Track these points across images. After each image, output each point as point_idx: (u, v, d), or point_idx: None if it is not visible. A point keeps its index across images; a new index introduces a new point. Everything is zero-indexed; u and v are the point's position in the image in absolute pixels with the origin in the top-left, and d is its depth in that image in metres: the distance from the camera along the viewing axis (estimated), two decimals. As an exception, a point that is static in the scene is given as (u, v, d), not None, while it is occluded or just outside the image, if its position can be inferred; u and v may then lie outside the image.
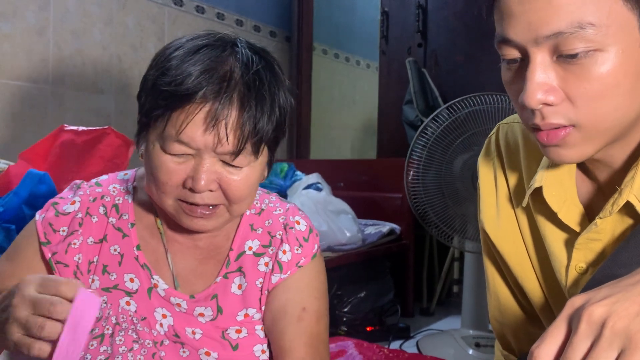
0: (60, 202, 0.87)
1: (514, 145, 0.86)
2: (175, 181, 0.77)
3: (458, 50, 2.71)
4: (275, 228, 0.91)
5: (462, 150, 2.01)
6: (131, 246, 0.87)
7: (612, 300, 0.48)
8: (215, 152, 0.76)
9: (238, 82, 0.75)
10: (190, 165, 0.77)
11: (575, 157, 0.68)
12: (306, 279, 0.90)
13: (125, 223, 0.88)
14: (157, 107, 0.76)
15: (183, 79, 0.74)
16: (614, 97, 0.63)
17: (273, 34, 3.11)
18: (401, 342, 2.20)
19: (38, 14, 2.01)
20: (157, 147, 0.77)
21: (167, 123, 0.75)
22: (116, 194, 0.89)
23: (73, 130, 1.38)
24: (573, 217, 0.76)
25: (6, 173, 1.33)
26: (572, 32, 0.60)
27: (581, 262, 0.76)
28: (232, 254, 0.89)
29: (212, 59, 0.76)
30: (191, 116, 0.73)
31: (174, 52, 0.78)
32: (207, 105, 0.74)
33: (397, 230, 2.46)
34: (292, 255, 0.89)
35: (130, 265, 0.86)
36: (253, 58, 0.78)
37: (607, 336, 0.46)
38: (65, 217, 0.85)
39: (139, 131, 0.82)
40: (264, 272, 0.89)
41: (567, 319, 0.51)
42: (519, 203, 0.84)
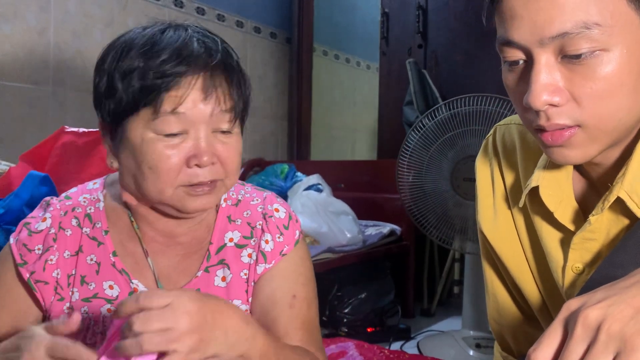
0: (31, 222, 0.86)
1: (511, 146, 0.86)
2: (177, 164, 0.77)
3: (458, 51, 2.71)
4: (254, 218, 0.91)
5: (447, 150, 2.03)
6: (107, 253, 0.86)
7: (608, 303, 0.49)
8: (211, 121, 0.78)
9: (216, 53, 0.79)
10: (188, 145, 0.77)
11: (580, 157, 0.68)
12: (292, 267, 0.90)
13: (99, 231, 0.87)
14: (144, 94, 0.75)
15: (166, 61, 0.75)
16: (618, 97, 0.63)
17: (273, 35, 3.11)
18: (402, 343, 2.20)
19: (39, 15, 2.01)
20: (149, 136, 0.76)
21: (161, 103, 0.75)
22: (87, 203, 0.89)
23: (74, 131, 1.38)
24: (569, 217, 0.76)
25: (7, 175, 1.33)
26: (578, 33, 0.60)
27: (577, 262, 0.76)
28: (212, 248, 0.89)
29: (182, 37, 0.78)
30: (187, 90, 0.75)
31: (133, 42, 0.78)
32: (200, 77, 0.76)
33: (398, 231, 2.47)
34: (274, 244, 0.90)
35: (108, 273, 0.85)
36: (212, 36, 0.82)
37: (602, 339, 0.47)
38: (38, 235, 0.84)
39: (113, 136, 0.81)
40: (247, 263, 0.89)
41: (563, 322, 0.51)
42: (515, 204, 0.84)
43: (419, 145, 2.05)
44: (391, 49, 2.97)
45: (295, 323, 0.87)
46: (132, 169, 0.80)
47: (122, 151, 0.80)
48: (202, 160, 0.77)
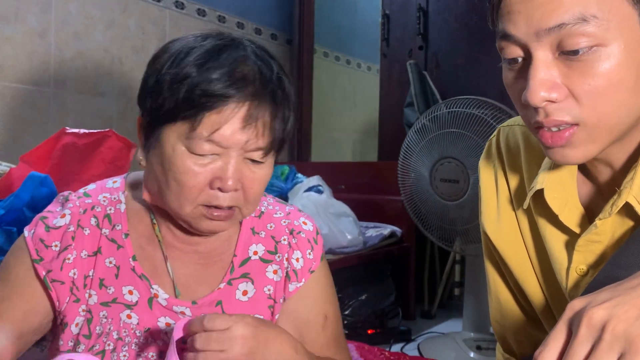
0: (49, 216, 0.83)
1: (515, 147, 0.86)
2: (202, 183, 0.76)
3: (459, 53, 2.71)
4: (279, 233, 0.91)
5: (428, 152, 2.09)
6: (127, 257, 0.84)
7: (612, 304, 0.49)
8: (244, 150, 0.76)
9: (269, 82, 0.77)
10: (217, 166, 0.76)
11: (581, 157, 0.67)
12: (321, 285, 0.93)
13: (119, 234, 0.85)
14: (185, 108, 0.74)
15: (216, 80, 0.73)
16: (618, 94, 0.62)
17: (274, 36, 3.11)
18: (402, 345, 2.19)
19: (40, 17, 2.01)
20: (181, 150, 0.75)
21: (199, 123, 0.73)
22: (107, 203, 0.86)
23: (74, 132, 1.38)
24: (574, 219, 0.76)
25: (7, 176, 1.33)
26: (575, 24, 0.60)
27: (582, 264, 0.75)
28: (235, 260, 0.88)
29: (237, 60, 0.76)
30: (228, 117, 0.73)
31: (190, 52, 0.76)
32: (245, 106, 0.74)
33: (398, 233, 2.46)
34: (304, 261, 0.91)
35: (128, 277, 0.83)
36: (269, 60, 0.80)
37: (607, 340, 0.47)
38: (57, 231, 0.82)
39: (147, 135, 0.80)
40: (272, 279, 0.89)
41: (567, 322, 0.51)
42: (519, 205, 0.84)
43: (413, 145, 2.10)
44: (392, 51, 2.97)
45: (328, 342, 0.92)
46: (159, 174, 0.79)
47: (152, 154, 0.79)
48: (225, 185, 0.75)
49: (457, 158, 2.00)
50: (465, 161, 1.97)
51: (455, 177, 2.01)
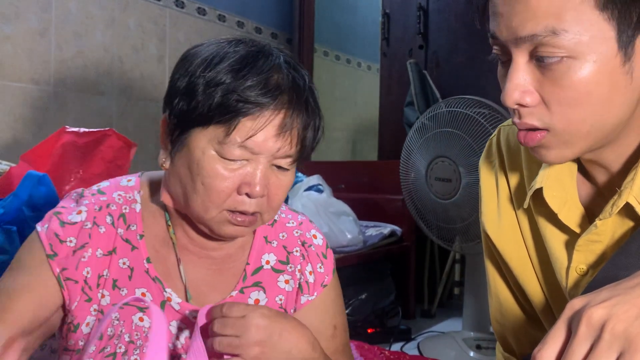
0: (63, 212, 0.82)
1: (515, 146, 0.86)
2: (231, 188, 0.76)
3: (459, 52, 2.71)
4: (291, 243, 0.92)
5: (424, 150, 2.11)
6: (141, 259, 0.83)
7: (612, 303, 0.49)
8: (273, 157, 0.77)
9: (303, 91, 0.78)
10: (245, 171, 0.76)
11: (556, 158, 0.69)
12: (331, 297, 0.94)
13: (134, 234, 0.84)
14: (221, 113, 0.74)
15: (252, 87, 0.74)
16: (586, 105, 0.64)
17: (274, 35, 3.11)
18: (402, 344, 2.19)
19: (40, 16, 2.01)
20: (211, 154, 0.75)
21: (234, 129, 0.74)
22: (122, 202, 0.85)
23: (74, 131, 1.38)
24: (573, 219, 0.76)
25: (8, 175, 1.33)
26: (546, 36, 0.62)
27: (582, 263, 0.76)
28: (248, 268, 0.89)
29: (272, 68, 0.76)
30: (263, 124, 0.74)
31: (224, 57, 0.76)
32: (281, 114, 0.75)
33: (398, 232, 2.46)
34: (316, 275, 0.92)
35: (141, 279, 0.83)
36: (299, 69, 0.81)
37: (606, 339, 0.47)
38: (72, 227, 0.80)
39: (174, 137, 0.79)
40: (284, 289, 0.89)
41: (567, 321, 0.51)
42: (520, 205, 0.84)
43: (411, 144, 2.12)
44: (392, 50, 2.97)
45: (336, 350, 0.94)
46: (184, 178, 0.78)
47: (178, 156, 0.78)
48: (253, 191, 0.76)
49: (450, 157, 2.02)
50: (458, 160, 1.99)
51: (448, 176, 2.03)
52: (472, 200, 1.95)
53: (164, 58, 2.43)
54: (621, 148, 0.71)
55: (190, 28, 2.55)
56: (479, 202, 0.92)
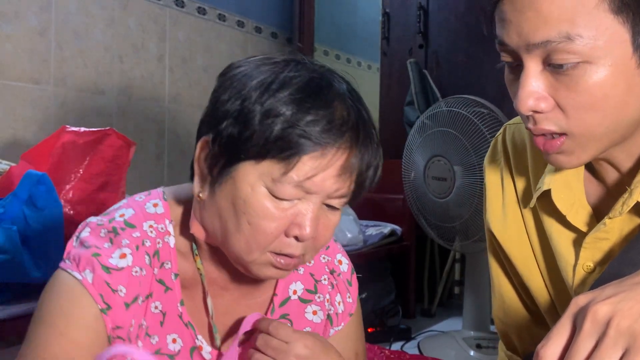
0: (102, 254, 0.69)
1: (521, 145, 0.86)
2: (280, 230, 0.69)
3: (459, 52, 2.71)
4: (318, 271, 0.87)
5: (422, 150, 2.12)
6: (175, 302, 0.75)
7: (617, 299, 0.48)
8: (328, 196, 0.70)
9: (367, 127, 0.71)
10: (296, 211, 0.69)
11: (575, 163, 0.69)
12: (355, 324, 0.91)
13: (168, 274, 0.74)
14: (280, 148, 0.66)
15: (316, 123, 0.66)
16: (602, 108, 0.63)
17: (274, 35, 3.11)
18: (402, 344, 2.20)
19: (40, 15, 2.01)
20: (261, 191, 0.67)
21: (294, 167, 0.66)
22: (155, 235, 0.74)
23: (74, 131, 1.38)
24: (581, 219, 0.76)
25: (8, 174, 1.33)
26: (560, 42, 0.61)
27: (589, 261, 0.76)
28: (276, 300, 0.83)
29: (337, 99, 0.69)
30: (327, 163, 0.67)
31: (282, 86, 0.68)
32: (346, 153, 0.68)
33: (399, 232, 2.46)
34: (345, 305, 0.88)
35: (173, 325, 0.75)
36: (360, 98, 0.74)
37: (611, 335, 0.46)
38: (120, 273, 0.69)
39: (218, 167, 0.70)
40: (311, 320, 0.85)
41: (572, 317, 0.51)
42: (525, 204, 0.84)
43: (411, 143, 2.13)
44: (392, 49, 2.96)
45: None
46: (226, 214, 0.70)
47: (221, 188, 0.70)
48: (304, 234, 0.69)
49: (445, 156, 2.03)
50: (453, 160, 2.00)
51: (443, 175, 2.04)
52: (467, 200, 1.95)
53: (164, 57, 2.43)
54: (632, 147, 0.71)
55: (191, 27, 2.55)
56: (481, 201, 0.92)
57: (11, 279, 1.15)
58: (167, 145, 2.43)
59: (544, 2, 0.61)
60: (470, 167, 1.94)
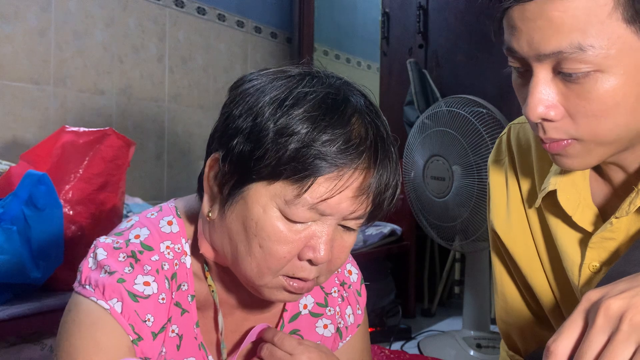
0: (127, 280, 0.66)
1: (526, 145, 0.86)
2: (293, 253, 0.66)
3: (459, 51, 2.71)
4: (328, 283, 0.85)
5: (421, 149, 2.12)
6: (191, 324, 0.72)
7: (631, 294, 0.48)
8: (344, 218, 0.66)
9: (386, 146, 0.67)
10: (309, 233, 0.66)
11: (581, 165, 0.69)
12: (362, 334, 0.89)
13: (185, 296, 0.72)
14: (294, 170, 0.62)
15: (331, 143, 0.63)
16: (613, 116, 0.63)
17: (274, 35, 3.11)
18: (402, 343, 2.20)
19: (39, 15, 2.01)
20: (275, 213, 0.64)
21: (308, 189, 0.62)
22: (172, 257, 0.71)
23: (74, 131, 1.38)
24: (587, 219, 0.76)
25: (7, 174, 1.33)
26: (572, 53, 0.60)
27: (595, 261, 0.76)
28: (286, 315, 0.82)
29: (354, 115, 0.65)
30: (343, 185, 0.63)
31: (296, 103, 0.64)
32: (362, 175, 0.64)
33: (399, 231, 2.46)
34: (355, 317, 0.87)
35: (189, 348, 0.72)
36: (379, 113, 0.70)
37: (624, 330, 0.46)
38: (147, 302, 0.67)
39: (229, 186, 0.66)
40: (322, 334, 0.83)
41: (583, 312, 0.50)
42: (530, 204, 0.84)
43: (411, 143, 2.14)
44: (392, 49, 2.96)
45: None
46: (237, 236, 0.67)
47: (231, 209, 0.67)
48: (318, 257, 0.66)
49: (444, 156, 2.03)
50: (451, 160, 2.00)
51: (442, 175, 2.04)
52: (466, 199, 1.95)
53: (164, 58, 2.43)
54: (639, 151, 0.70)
55: (190, 27, 2.55)
56: (480, 201, 0.92)
57: (11, 279, 1.15)
58: (167, 145, 2.43)
59: (555, 11, 0.60)
60: (469, 167, 1.94)
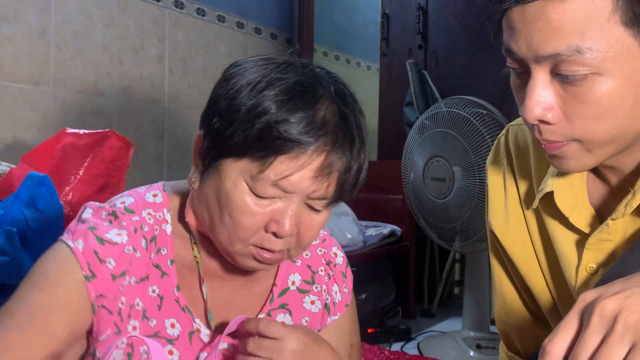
0: (98, 228, 0.73)
1: (524, 146, 0.86)
2: (259, 225, 0.71)
3: (459, 52, 2.71)
4: (315, 262, 0.90)
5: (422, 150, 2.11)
6: (171, 287, 0.77)
7: (625, 295, 0.48)
8: (307, 197, 0.71)
9: (349, 130, 0.72)
10: (275, 208, 0.71)
11: (579, 167, 0.69)
12: (350, 315, 0.92)
13: (164, 259, 0.78)
14: (257, 147, 0.68)
15: (294, 124, 0.68)
16: (610, 119, 0.64)
17: (274, 36, 3.11)
18: (402, 344, 2.20)
19: (39, 16, 2.01)
20: (243, 187, 0.70)
21: (269, 166, 0.68)
22: (153, 222, 0.78)
23: (75, 133, 1.38)
24: (584, 220, 0.77)
25: (8, 176, 1.33)
26: (570, 55, 0.61)
27: (592, 262, 0.76)
28: (276, 290, 0.86)
29: (319, 102, 0.70)
30: (302, 165, 0.68)
31: (269, 85, 0.70)
32: (322, 156, 0.69)
33: (398, 232, 2.47)
34: (341, 295, 0.90)
35: (170, 309, 0.77)
36: (349, 100, 0.74)
37: (619, 330, 0.46)
38: (113, 248, 0.73)
39: (207, 160, 0.73)
40: (309, 310, 0.87)
41: (579, 313, 0.50)
42: (528, 205, 0.84)
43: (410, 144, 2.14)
44: (391, 50, 2.97)
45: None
46: (212, 206, 0.73)
47: (208, 180, 0.74)
48: (282, 231, 0.71)
49: (444, 157, 2.03)
50: (452, 160, 2.00)
51: (442, 176, 2.05)
52: (467, 200, 1.95)
53: (164, 58, 2.43)
54: (636, 153, 0.71)
55: (190, 28, 2.55)
56: (481, 202, 0.92)
57: (11, 280, 1.15)
58: (167, 146, 2.43)
59: (554, 14, 0.60)
60: (470, 167, 1.94)
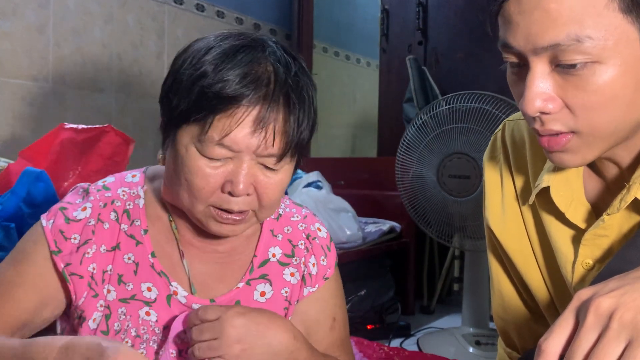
0: (69, 208, 0.82)
1: (520, 142, 0.86)
2: (213, 186, 0.75)
3: (459, 48, 2.71)
4: (296, 236, 0.92)
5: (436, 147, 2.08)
6: (146, 254, 0.83)
7: (620, 292, 0.48)
8: (256, 155, 0.74)
9: (283, 84, 0.74)
10: (229, 169, 0.75)
11: (579, 162, 0.68)
12: (332, 290, 0.94)
13: (138, 230, 0.84)
14: (197, 110, 0.73)
15: (228, 82, 0.72)
16: (611, 108, 0.63)
17: (273, 32, 3.10)
18: (401, 340, 2.20)
19: (38, 12, 2.01)
20: (193, 151, 0.74)
21: (210, 126, 0.72)
22: (126, 198, 0.85)
23: (73, 128, 1.38)
24: (580, 215, 0.76)
25: (6, 171, 1.32)
26: (570, 44, 0.60)
27: (588, 258, 0.76)
28: (255, 261, 0.89)
29: (253, 61, 0.74)
30: (238, 120, 0.72)
31: (208, 52, 0.75)
32: (256, 109, 0.72)
33: (398, 229, 2.46)
34: (319, 267, 0.92)
35: (146, 274, 0.82)
36: (288, 60, 0.77)
37: (614, 328, 0.46)
38: (77, 224, 0.80)
39: (165, 134, 0.79)
40: (289, 281, 0.89)
41: (574, 311, 0.50)
42: (524, 201, 0.84)
43: (416, 141, 2.10)
44: (391, 46, 2.96)
45: (335, 343, 0.94)
46: (172, 173, 0.79)
47: (169, 152, 0.79)
48: (236, 189, 0.74)
49: (467, 153, 1.99)
50: (476, 156, 1.96)
51: (466, 173, 2.00)
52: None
53: (163, 54, 2.42)
54: (633, 146, 0.70)
55: (189, 24, 2.54)
56: (482, 198, 0.92)
57: (10, 276, 1.15)
58: (166, 142, 2.43)
59: (552, 3, 0.60)
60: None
